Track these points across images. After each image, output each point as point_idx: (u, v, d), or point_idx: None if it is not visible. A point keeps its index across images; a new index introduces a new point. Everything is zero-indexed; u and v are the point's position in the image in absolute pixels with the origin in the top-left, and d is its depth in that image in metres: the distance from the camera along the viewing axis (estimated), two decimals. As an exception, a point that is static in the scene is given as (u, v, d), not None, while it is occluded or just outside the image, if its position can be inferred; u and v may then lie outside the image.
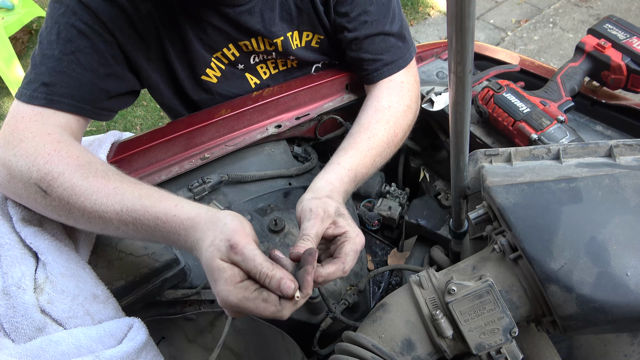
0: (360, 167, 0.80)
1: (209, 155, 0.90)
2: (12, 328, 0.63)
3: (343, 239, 0.64)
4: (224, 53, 0.92)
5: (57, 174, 0.66)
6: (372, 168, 0.83)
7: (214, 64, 0.93)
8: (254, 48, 0.93)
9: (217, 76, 0.95)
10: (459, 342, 0.56)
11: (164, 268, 0.75)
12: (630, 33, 0.88)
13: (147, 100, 2.97)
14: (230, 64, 0.95)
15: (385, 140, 0.85)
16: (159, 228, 0.62)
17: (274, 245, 0.85)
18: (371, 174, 0.84)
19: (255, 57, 0.97)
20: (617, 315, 0.50)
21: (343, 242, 0.64)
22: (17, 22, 2.88)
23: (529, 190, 0.54)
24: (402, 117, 0.89)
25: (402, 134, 0.90)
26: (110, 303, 0.68)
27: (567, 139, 0.78)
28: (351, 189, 0.79)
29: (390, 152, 0.87)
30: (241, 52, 0.94)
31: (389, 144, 0.86)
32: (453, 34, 0.42)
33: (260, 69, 1.00)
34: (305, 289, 0.54)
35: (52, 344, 0.60)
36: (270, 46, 0.93)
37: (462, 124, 0.51)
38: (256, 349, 0.79)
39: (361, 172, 0.80)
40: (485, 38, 3.24)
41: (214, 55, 0.92)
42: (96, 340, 0.62)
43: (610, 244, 0.50)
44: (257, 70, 0.99)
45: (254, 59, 0.97)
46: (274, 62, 1.00)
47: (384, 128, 0.85)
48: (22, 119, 0.72)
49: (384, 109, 0.88)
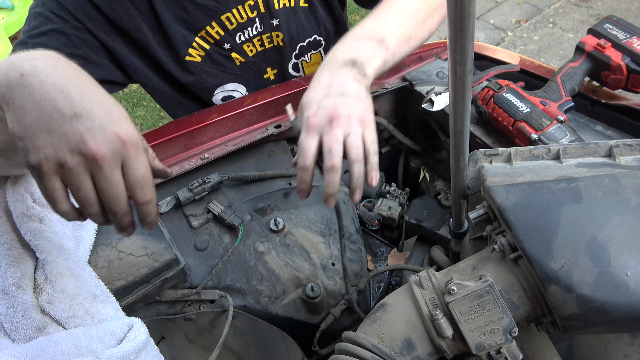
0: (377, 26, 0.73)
1: (209, 155, 0.90)
2: (12, 328, 0.63)
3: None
4: (208, 32, 0.91)
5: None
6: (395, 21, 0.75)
7: (197, 44, 0.92)
8: (237, 20, 0.92)
9: (202, 55, 0.94)
10: (459, 342, 0.56)
11: (164, 268, 0.75)
12: (630, 33, 0.88)
13: (147, 100, 2.97)
14: (216, 44, 0.94)
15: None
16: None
17: (274, 245, 0.85)
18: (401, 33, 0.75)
19: (241, 35, 0.95)
20: (617, 315, 0.50)
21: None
22: (17, 22, 2.88)
23: (529, 190, 0.54)
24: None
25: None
26: (110, 303, 0.68)
27: (567, 139, 0.78)
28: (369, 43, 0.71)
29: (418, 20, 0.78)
30: (226, 30, 0.93)
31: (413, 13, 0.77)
32: (453, 34, 0.42)
33: (247, 47, 0.99)
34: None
35: (51, 344, 0.60)
36: (252, 11, 0.91)
37: (462, 124, 0.51)
38: (256, 349, 0.79)
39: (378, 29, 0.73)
40: (485, 38, 3.25)
41: (199, 34, 0.91)
42: (96, 340, 0.62)
43: (610, 244, 0.50)
44: (243, 50, 0.99)
45: (239, 37, 0.96)
46: (260, 39, 0.99)
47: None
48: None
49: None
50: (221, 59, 0.97)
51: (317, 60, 1.15)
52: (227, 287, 0.81)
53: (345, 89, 0.67)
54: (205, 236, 0.84)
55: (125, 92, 3.04)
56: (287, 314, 0.82)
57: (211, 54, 0.95)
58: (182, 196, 0.85)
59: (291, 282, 0.83)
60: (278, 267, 0.84)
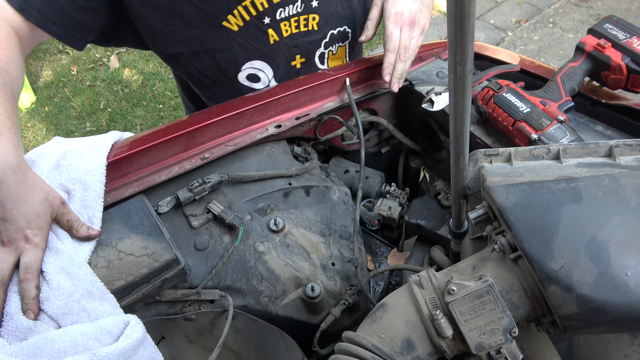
0: None
1: (209, 155, 0.90)
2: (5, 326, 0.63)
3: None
4: (253, 1, 0.92)
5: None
6: None
7: (238, 12, 0.93)
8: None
9: (240, 25, 0.95)
10: (459, 342, 0.56)
11: (164, 268, 0.75)
12: (630, 33, 0.88)
13: (147, 100, 2.97)
14: (257, 16, 0.95)
15: None
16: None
17: (274, 245, 0.85)
18: None
19: (282, 12, 0.97)
20: (617, 315, 0.50)
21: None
22: (17, 22, 2.87)
23: (529, 190, 0.54)
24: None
25: None
26: (106, 300, 0.69)
27: (567, 139, 0.78)
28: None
29: None
30: (270, 3, 0.94)
31: None
32: (453, 34, 0.42)
33: (284, 26, 1.00)
34: None
35: (48, 342, 0.60)
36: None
37: (462, 124, 0.51)
38: (256, 349, 0.79)
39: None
40: (485, 38, 3.25)
41: (242, 3, 0.92)
42: (92, 337, 0.62)
43: (610, 244, 0.50)
44: (280, 28, 1.00)
45: (280, 13, 0.97)
46: (297, 20, 1.00)
47: None
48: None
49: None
50: (258, 33, 0.98)
51: (341, 55, 1.17)
52: (227, 287, 0.81)
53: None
54: (205, 236, 0.84)
55: (125, 92, 3.04)
56: (287, 314, 0.82)
57: (250, 25, 0.96)
58: (182, 196, 0.85)
59: (291, 282, 0.83)
60: (278, 267, 0.84)
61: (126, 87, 3.07)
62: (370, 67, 1.03)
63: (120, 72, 3.15)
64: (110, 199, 0.81)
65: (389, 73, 0.94)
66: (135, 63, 3.20)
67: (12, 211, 0.68)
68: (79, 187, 0.76)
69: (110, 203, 0.81)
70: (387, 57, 0.93)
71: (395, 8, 0.91)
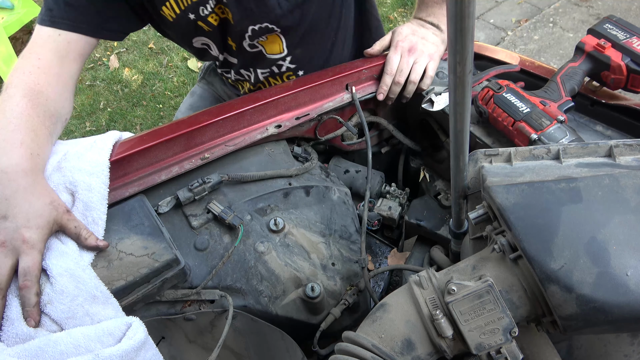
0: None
1: (209, 155, 0.90)
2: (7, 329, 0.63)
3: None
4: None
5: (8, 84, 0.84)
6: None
7: (169, 5, 0.97)
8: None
9: (173, 17, 0.99)
10: (459, 342, 0.56)
11: (164, 268, 0.75)
12: (630, 33, 0.88)
13: (147, 100, 2.97)
14: (183, 12, 0.98)
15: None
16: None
17: (274, 245, 0.85)
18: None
19: (204, 10, 0.99)
20: (617, 315, 0.50)
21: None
22: (17, 22, 2.88)
23: (529, 190, 0.54)
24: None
25: None
26: (110, 304, 0.68)
27: (567, 139, 0.78)
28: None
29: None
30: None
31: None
32: (453, 34, 0.42)
33: (211, 19, 1.02)
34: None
35: (50, 344, 0.60)
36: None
37: (462, 124, 0.51)
38: (256, 349, 0.79)
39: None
40: (485, 38, 3.25)
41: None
42: (94, 339, 0.62)
43: (610, 244, 0.50)
44: (208, 21, 1.02)
45: (202, 11, 0.99)
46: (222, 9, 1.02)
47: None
48: (34, 37, 0.91)
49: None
50: (189, 26, 1.01)
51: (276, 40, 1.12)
52: (227, 287, 0.81)
53: (426, 36, 1.04)
54: (205, 236, 0.84)
55: (125, 91, 3.04)
56: (287, 314, 0.82)
57: (180, 18, 0.99)
58: (182, 196, 0.85)
59: (291, 282, 0.83)
60: (278, 267, 0.84)
61: (126, 87, 3.07)
62: (371, 67, 1.03)
63: (120, 72, 3.15)
64: (110, 199, 0.81)
65: (382, 92, 1.02)
66: (135, 63, 3.20)
67: (14, 208, 0.69)
68: (82, 189, 0.76)
69: (111, 203, 0.81)
70: (384, 79, 1.01)
71: (398, 37, 1.03)
